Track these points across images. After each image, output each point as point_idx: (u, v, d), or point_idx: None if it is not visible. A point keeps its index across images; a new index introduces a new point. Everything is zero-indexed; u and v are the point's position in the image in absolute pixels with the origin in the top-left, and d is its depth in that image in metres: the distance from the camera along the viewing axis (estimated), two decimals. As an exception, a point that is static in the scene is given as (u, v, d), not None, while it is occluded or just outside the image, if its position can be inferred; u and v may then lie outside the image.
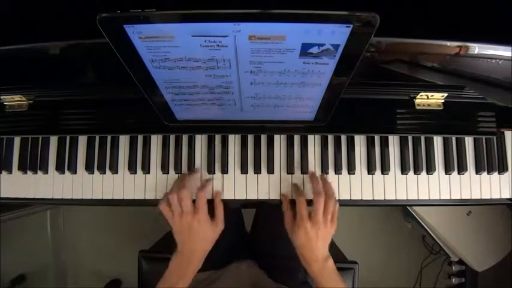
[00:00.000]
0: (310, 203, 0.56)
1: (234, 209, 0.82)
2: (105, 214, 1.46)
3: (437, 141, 0.64)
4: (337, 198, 0.62)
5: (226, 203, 0.61)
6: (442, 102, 0.60)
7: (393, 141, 0.64)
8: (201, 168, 0.63)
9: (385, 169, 0.63)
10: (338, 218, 0.57)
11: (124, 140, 0.65)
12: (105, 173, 0.64)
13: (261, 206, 0.81)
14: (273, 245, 0.74)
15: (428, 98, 0.59)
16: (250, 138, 0.64)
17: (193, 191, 0.57)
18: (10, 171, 0.66)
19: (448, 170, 0.63)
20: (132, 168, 0.64)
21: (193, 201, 0.56)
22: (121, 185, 0.64)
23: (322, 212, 0.54)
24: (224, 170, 0.63)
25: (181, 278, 0.53)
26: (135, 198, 0.63)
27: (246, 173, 0.63)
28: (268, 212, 0.79)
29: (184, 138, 0.64)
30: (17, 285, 1.28)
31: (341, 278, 0.55)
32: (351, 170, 0.63)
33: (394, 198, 0.63)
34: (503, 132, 0.64)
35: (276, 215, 0.75)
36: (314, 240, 0.53)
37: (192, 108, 0.50)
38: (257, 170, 0.63)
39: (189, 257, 0.54)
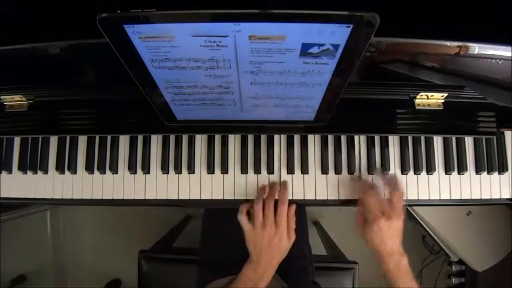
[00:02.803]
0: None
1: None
2: (105, 214, 1.46)
3: (437, 141, 0.64)
4: (335, 198, 0.62)
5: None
6: (442, 102, 0.60)
7: (393, 141, 0.64)
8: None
9: (385, 169, 0.63)
10: (340, 218, 0.57)
11: (124, 140, 0.65)
12: (105, 173, 0.64)
13: None
14: None
15: (428, 98, 0.59)
16: (250, 138, 0.64)
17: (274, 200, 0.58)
18: (10, 171, 0.66)
19: (448, 170, 0.63)
20: (132, 168, 0.64)
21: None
22: (121, 185, 0.64)
23: (388, 205, 0.55)
24: (224, 170, 0.63)
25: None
26: (135, 198, 0.63)
27: (246, 173, 0.63)
28: None
29: (184, 138, 0.64)
30: (17, 285, 1.28)
31: (415, 278, 0.54)
32: (351, 170, 0.63)
33: (394, 198, 0.63)
34: (503, 132, 0.64)
35: None
36: (389, 235, 0.54)
37: (192, 108, 0.50)
38: (257, 170, 0.63)
39: (265, 268, 0.55)
